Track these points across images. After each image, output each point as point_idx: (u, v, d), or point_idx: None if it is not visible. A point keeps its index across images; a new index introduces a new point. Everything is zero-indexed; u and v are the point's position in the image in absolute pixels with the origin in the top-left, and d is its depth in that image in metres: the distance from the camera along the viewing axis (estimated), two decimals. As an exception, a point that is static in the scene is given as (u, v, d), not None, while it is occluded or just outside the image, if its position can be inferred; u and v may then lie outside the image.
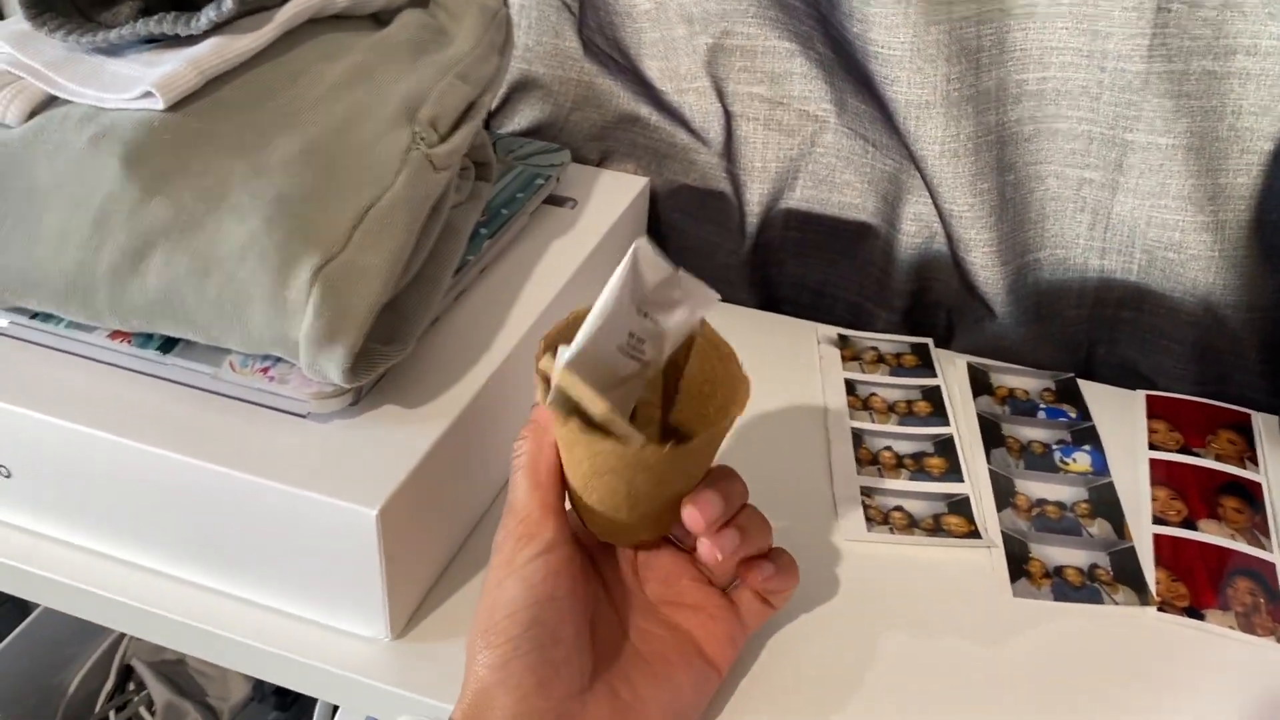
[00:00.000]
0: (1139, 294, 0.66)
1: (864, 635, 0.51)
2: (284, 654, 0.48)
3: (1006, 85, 0.61)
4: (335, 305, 0.44)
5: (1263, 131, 0.60)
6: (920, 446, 0.62)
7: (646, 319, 0.44)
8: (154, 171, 0.47)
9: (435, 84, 0.54)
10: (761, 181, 0.70)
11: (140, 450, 0.46)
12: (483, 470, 0.54)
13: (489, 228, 0.59)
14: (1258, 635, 0.52)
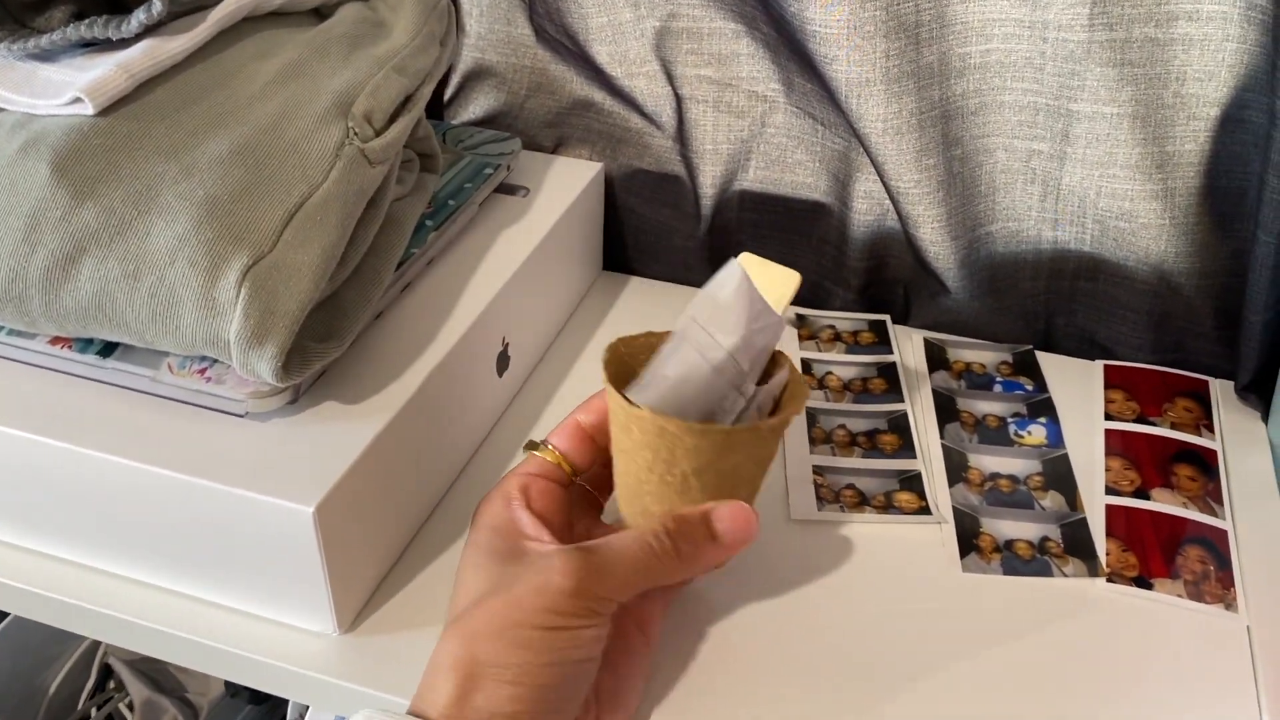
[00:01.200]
0: (1094, 264, 0.66)
1: (812, 615, 0.51)
2: (235, 651, 0.48)
3: (949, 59, 0.61)
4: (264, 304, 0.44)
5: (1208, 97, 0.59)
6: (874, 424, 0.62)
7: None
8: (84, 177, 0.47)
9: (370, 77, 0.54)
10: (714, 164, 0.70)
11: (82, 455, 0.46)
12: (428, 465, 0.54)
13: (435, 219, 0.59)
14: (1207, 603, 0.52)
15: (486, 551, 0.44)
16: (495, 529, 0.45)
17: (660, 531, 0.43)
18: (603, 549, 0.43)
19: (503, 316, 0.59)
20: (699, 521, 0.44)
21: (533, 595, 0.41)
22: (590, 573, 0.41)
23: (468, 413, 0.58)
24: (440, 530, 0.55)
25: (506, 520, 0.45)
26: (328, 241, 0.47)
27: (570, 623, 0.41)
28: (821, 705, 0.47)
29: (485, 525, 0.45)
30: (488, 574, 0.43)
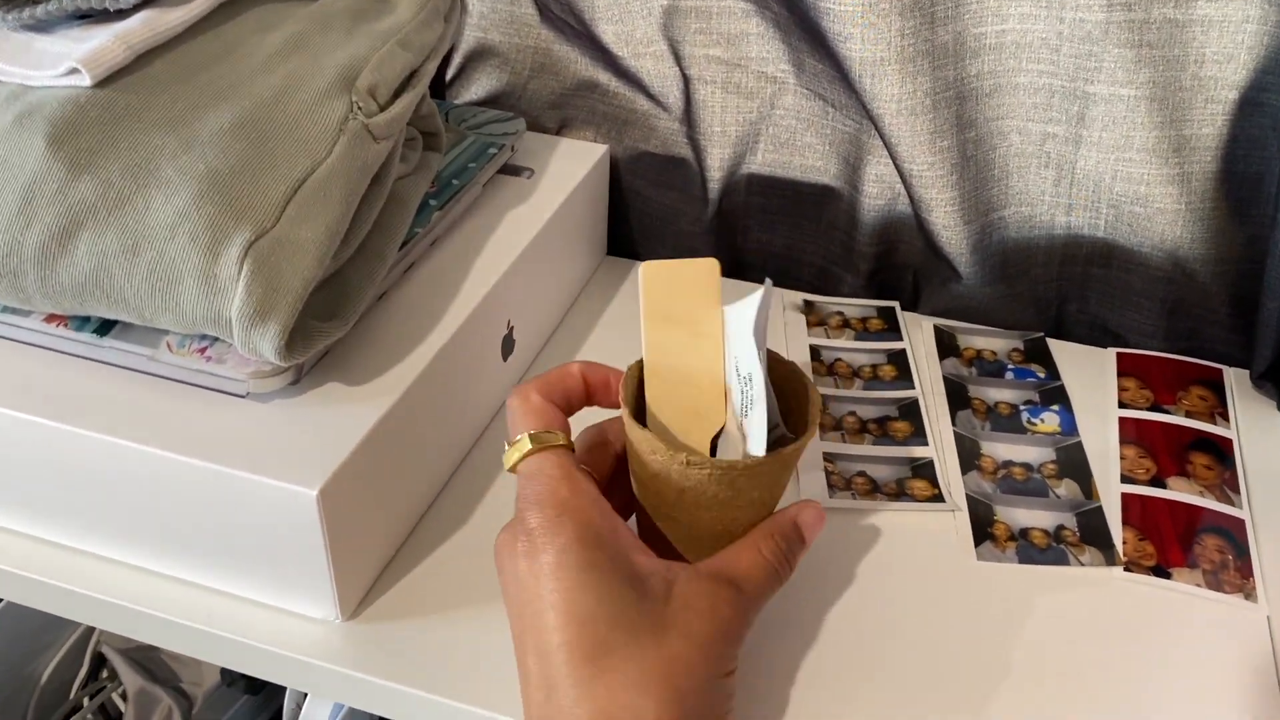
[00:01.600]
0: (1107, 250, 0.65)
1: (826, 601, 0.50)
2: (235, 638, 0.47)
3: (964, 39, 0.60)
4: (267, 281, 0.43)
5: (1226, 80, 0.58)
6: (885, 411, 0.61)
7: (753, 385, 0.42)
8: (81, 149, 0.46)
9: (374, 52, 0.52)
10: (722, 146, 0.68)
11: (78, 435, 0.45)
12: (433, 449, 0.53)
13: (439, 199, 0.58)
14: (1226, 593, 0.51)
15: (603, 572, 0.39)
16: (600, 543, 0.39)
17: (769, 545, 0.42)
18: (744, 580, 0.41)
19: (508, 299, 0.58)
20: (793, 529, 0.43)
21: (719, 644, 0.39)
22: (751, 610, 0.41)
23: (472, 397, 0.56)
24: (444, 516, 0.53)
25: (609, 532, 0.40)
26: (331, 218, 0.46)
27: (736, 663, 0.40)
28: (834, 693, 0.46)
29: (590, 540, 0.39)
30: (623, 605, 0.38)
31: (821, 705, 0.46)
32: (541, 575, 0.39)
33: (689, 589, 0.40)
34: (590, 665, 0.37)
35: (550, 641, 0.38)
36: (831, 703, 0.46)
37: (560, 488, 0.40)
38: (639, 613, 0.38)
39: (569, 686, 0.37)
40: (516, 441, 0.42)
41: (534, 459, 0.42)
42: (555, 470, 0.41)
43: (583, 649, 0.37)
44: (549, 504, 0.40)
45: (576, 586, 0.38)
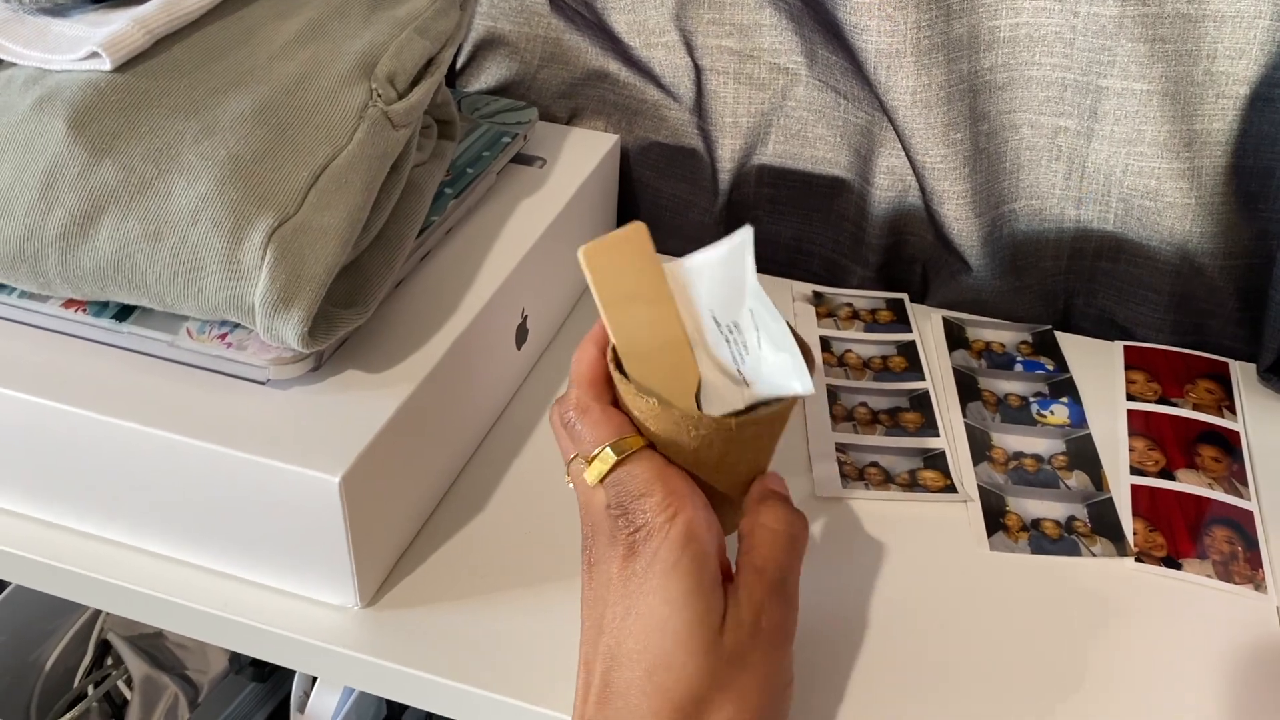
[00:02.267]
0: (1116, 243, 0.66)
1: (840, 591, 0.50)
2: (252, 624, 0.47)
3: (978, 32, 0.60)
4: (290, 267, 0.43)
5: (1238, 75, 0.59)
6: (895, 402, 0.61)
7: (755, 329, 0.41)
8: (102, 133, 0.46)
9: (393, 39, 0.52)
10: (733, 137, 0.69)
11: (98, 421, 0.45)
12: (449, 437, 0.53)
13: (454, 187, 0.58)
14: (1235, 584, 0.52)
15: (717, 593, 0.39)
16: (715, 560, 0.39)
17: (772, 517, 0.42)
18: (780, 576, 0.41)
19: (522, 288, 0.58)
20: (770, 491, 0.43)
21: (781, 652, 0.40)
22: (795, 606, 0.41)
23: (487, 385, 0.56)
24: (459, 504, 0.54)
25: (709, 548, 0.39)
26: (353, 205, 0.46)
27: None
28: (847, 682, 0.46)
29: (712, 555, 0.39)
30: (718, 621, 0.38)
31: (834, 693, 0.46)
32: (649, 580, 0.38)
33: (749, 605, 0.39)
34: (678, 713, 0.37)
35: (631, 648, 0.38)
36: (844, 691, 0.46)
37: (669, 479, 0.40)
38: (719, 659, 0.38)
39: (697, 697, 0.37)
40: (596, 455, 0.40)
41: (624, 469, 0.40)
42: (652, 471, 0.40)
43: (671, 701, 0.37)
44: (687, 506, 0.39)
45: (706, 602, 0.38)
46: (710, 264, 0.41)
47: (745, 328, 0.41)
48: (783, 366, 0.40)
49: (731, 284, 0.41)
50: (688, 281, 0.41)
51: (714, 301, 0.41)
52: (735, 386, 0.42)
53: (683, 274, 0.41)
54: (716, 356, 0.43)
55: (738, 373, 0.42)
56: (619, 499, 0.40)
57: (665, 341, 0.42)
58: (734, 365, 0.42)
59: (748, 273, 0.40)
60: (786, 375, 0.40)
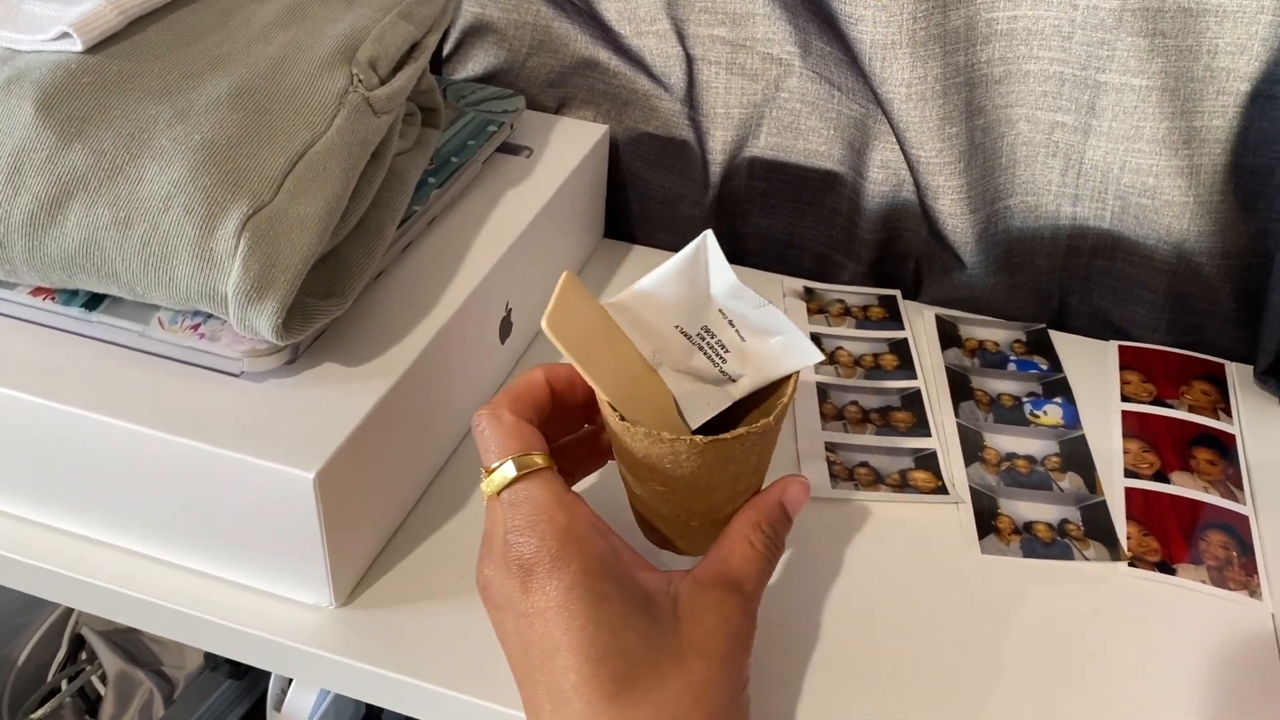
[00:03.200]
0: (1112, 242, 0.65)
1: (829, 593, 0.49)
2: (225, 623, 0.46)
3: (975, 24, 0.59)
4: (264, 256, 0.41)
5: (1239, 71, 0.58)
6: (887, 401, 0.60)
7: (730, 326, 0.41)
8: (71, 116, 0.44)
9: (375, 23, 0.51)
10: (724, 128, 0.67)
11: (66, 413, 0.44)
12: (429, 433, 0.52)
13: (437, 176, 0.56)
14: (1230, 589, 0.51)
15: (614, 603, 0.37)
16: (607, 571, 0.38)
17: (758, 536, 0.41)
18: (743, 579, 0.40)
19: (507, 281, 0.57)
20: (779, 509, 0.42)
21: (737, 656, 0.38)
22: (754, 608, 0.40)
23: (470, 379, 0.55)
24: (439, 502, 0.52)
25: (612, 555, 0.38)
26: (331, 193, 0.45)
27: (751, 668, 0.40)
28: (836, 686, 0.45)
29: (597, 570, 0.37)
30: (639, 634, 0.37)
31: (823, 698, 0.45)
32: (549, 613, 0.37)
33: (695, 602, 0.38)
34: (612, 704, 0.35)
35: (565, 682, 0.36)
36: (833, 695, 0.45)
37: (558, 514, 0.38)
38: (655, 640, 0.37)
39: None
40: (496, 467, 0.39)
41: (521, 486, 0.39)
42: (547, 496, 0.38)
43: (603, 688, 0.36)
44: (549, 534, 0.37)
45: (590, 623, 0.36)
46: (662, 280, 0.40)
47: (718, 327, 0.41)
48: (781, 348, 0.40)
49: (692, 293, 0.41)
50: (640, 306, 0.41)
51: (675, 315, 0.41)
52: (718, 388, 0.42)
53: (633, 301, 0.41)
54: (690, 366, 0.43)
55: (720, 373, 0.41)
56: (513, 521, 0.38)
57: (633, 376, 0.42)
58: (714, 368, 0.41)
59: (713, 276, 0.40)
60: (789, 354, 0.40)
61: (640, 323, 0.41)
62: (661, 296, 0.41)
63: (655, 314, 0.41)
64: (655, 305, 0.41)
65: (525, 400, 0.42)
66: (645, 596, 0.38)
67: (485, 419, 0.41)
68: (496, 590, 0.39)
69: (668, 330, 0.42)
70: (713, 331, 0.41)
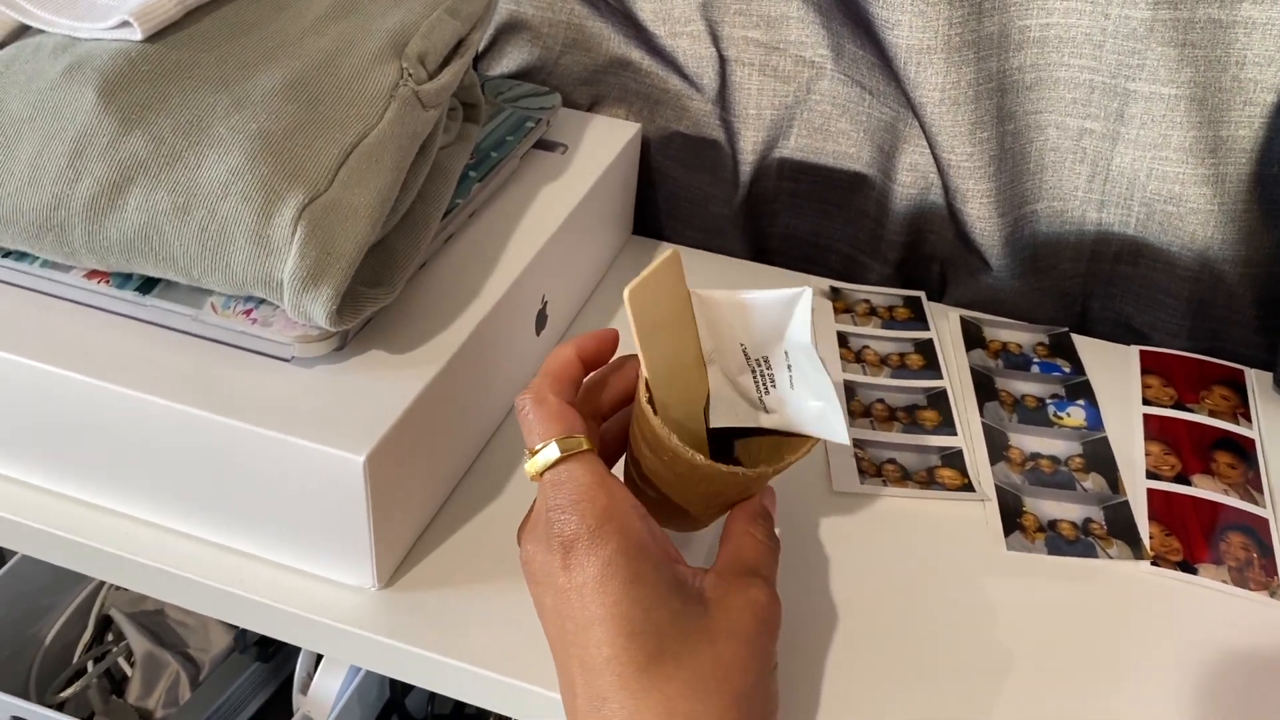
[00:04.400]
0: (1136, 248, 0.66)
1: (856, 586, 0.50)
2: (268, 602, 0.47)
3: (1009, 31, 0.60)
4: (320, 244, 0.42)
5: (1266, 83, 0.59)
6: (913, 399, 0.61)
7: (787, 370, 0.43)
8: (132, 103, 0.45)
9: (424, 18, 0.52)
10: (755, 129, 0.68)
11: (119, 394, 0.45)
12: (469, 420, 0.53)
13: (478, 170, 0.57)
14: (1250, 590, 0.52)
15: (649, 584, 0.38)
16: (644, 553, 0.38)
17: (757, 529, 0.43)
18: (759, 566, 0.41)
19: (543, 274, 0.58)
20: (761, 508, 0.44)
21: (765, 637, 0.39)
22: (776, 594, 0.41)
23: (507, 369, 0.56)
24: (477, 487, 0.53)
25: (651, 538, 0.39)
26: (383, 183, 0.46)
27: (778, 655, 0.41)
28: (861, 679, 0.46)
29: (634, 550, 0.38)
30: (672, 613, 0.38)
31: (848, 691, 0.46)
32: (586, 589, 0.38)
33: (721, 590, 0.40)
34: (644, 676, 0.37)
35: (598, 655, 0.37)
36: (859, 688, 0.46)
37: (599, 495, 0.39)
38: (687, 620, 0.38)
39: (624, 699, 0.36)
40: (540, 449, 0.40)
41: (564, 467, 0.40)
42: (589, 477, 0.39)
43: (635, 661, 0.37)
44: (589, 513, 0.38)
45: (625, 599, 0.37)
46: (761, 304, 0.41)
47: (776, 365, 0.43)
48: (824, 416, 0.42)
49: (772, 327, 0.42)
50: (723, 311, 0.42)
51: (747, 335, 0.43)
52: (750, 407, 0.43)
53: (721, 302, 0.42)
54: (735, 378, 0.44)
55: (759, 400, 0.43)
56: (556, 500, 0.39)
57: (682, 364, 0.43)
58: (755, 393, 0.43)
59: (795, 324, 0.41)
60: (826, 425, 0.42)
61: (714, 323, 0.43)
62: (745, 315, 0.42)
63: (730, 325, 0.42)
64: (736, 318, 0.42)
65: (564, 380, 0.43)
66: (677, 580, 0.39)
67: (530, 402, 0.42)
68: (538, 566, 0.40)
69: (733, 343, 0.43)
70: (770, 365, 0.43)
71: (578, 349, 0.44)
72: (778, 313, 0.41)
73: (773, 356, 0.43)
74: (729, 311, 0.42)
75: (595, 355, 0.44)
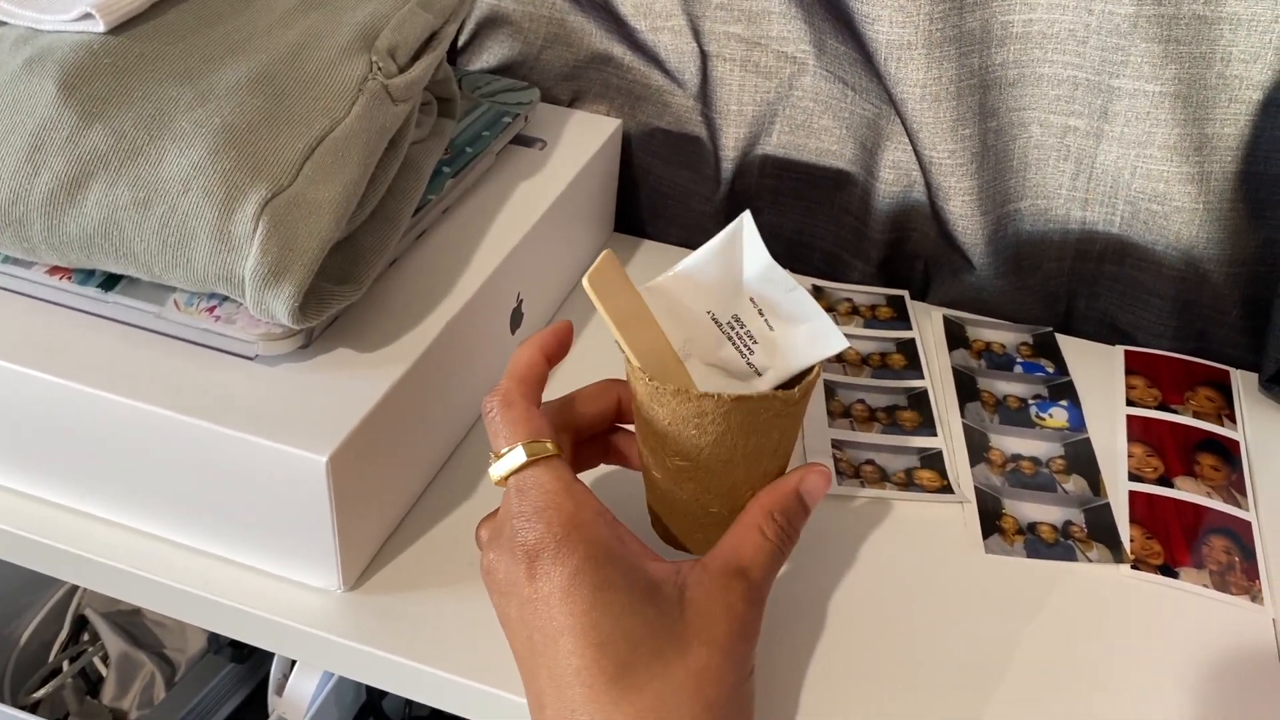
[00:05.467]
0: (1121, 247, 0.65)
1: (833, 588, 0.50)
2: (233, 605, 0.46)
3: (991, 27, 0.59)
4: (283, 240, 0.42)
5: (1252, 80, 0.58)
6: (893, 400, 0.60)
7: (760, 316, 0.41)
8: (93, 97, 0.44)
9: (395, 11, 0.51)
10: (737, 125, 0.68)
11: (81, 392, 0.44)
12: (439, 421, 0.52)
13: (452, 166, 0.56)
14: (1232, 594, 0.51)
15: (619, 590, 0.37)
16: (612, 559, 0.38)
17: (771, 525, 0.40)
18: (751, 567, 0.39)
19: (518, 271, 0.57)
20: (795, 499, 0.41)
21: (741, 645, 0.38)
22: (763, 601, 0.39)
23: (480, 369, 0.55)
24: (448, 489, 0.53)
25: (619, 544, 0.38)
26: (349, 179, 0.45)
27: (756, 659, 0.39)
28: (839, 682, 0.45)
29: (601, 557, 0.37)
30: (643, 621, 0.37)
31: (826, 694, 0.45)
32: (553, 599, 0.37)
33: (701, 590, 0.38)
34: (614, 688, 0.36)
35: (568, 667, 0.36)
36: (836, 692, 0.45)
37: (564, 502, 0.38)
38: (659, 627, 0.37)
39: (593, 711, 0.36)
40: (505, 453, 0.40)
41: (529, 472, 0.39)
42: (555, 483, 0.39)
43: (605, 673, 0.36)
44: (555, 521, 0.38)
45: (594, 608, 0.36)
46: (698, 264, 0.40)
47: (748, 317, 0.41)
48: (809, 336, 0.40)
49: (727, 276, 0.40)
50: (677, 290, 0.41)
51: (709, 300, 0.41)
52: (744, 382, 0.42)
53: (670, 284, 0.41)
54: (719, 358, 0.43)
55: (747, 365, 0.41)
56: (520, 507, 0.38)
57: (662, 358, 0.42)
58: (742, 359, 0.41)
59: (747, 257, 0.40)
60: (815, 342, 0.40)
61: (674, 310, 0.41)
62: (698, 280, 0.41)
63: (691, 298, 0.41)
64: (691, 289, 0.41)
65: (530, 381, 0.42)
66: (650, 584, 0.38)
67: (497, 405, 0.41)
68: (502, 576, 0.39)
69: (700, 316, 0.42)
70: (743, 321, 0.41)
71: (541, 347, 0.43)
72: (725, 259, 0.40)
73: (741, 310, 0.41)
74: (679, 287, 0.41)
75: (556, 349, 0.44)
